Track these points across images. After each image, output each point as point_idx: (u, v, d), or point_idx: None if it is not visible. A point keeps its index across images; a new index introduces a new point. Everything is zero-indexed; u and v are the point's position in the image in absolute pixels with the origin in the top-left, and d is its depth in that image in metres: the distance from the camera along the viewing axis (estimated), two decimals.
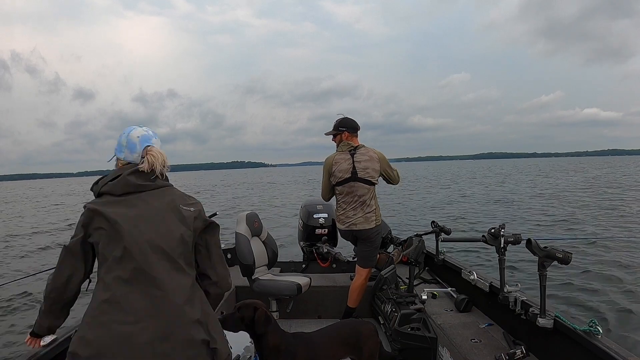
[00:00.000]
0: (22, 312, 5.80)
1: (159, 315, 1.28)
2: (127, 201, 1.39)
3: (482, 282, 2.81)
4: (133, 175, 1.42)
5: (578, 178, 33.44)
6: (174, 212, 1.42)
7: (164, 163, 1.48)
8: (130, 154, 1.49)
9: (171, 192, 1.49)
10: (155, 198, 1.43)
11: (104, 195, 1.41)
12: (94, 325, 1.27)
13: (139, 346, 1.24)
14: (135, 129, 1.53)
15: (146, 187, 1.43)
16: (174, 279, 1.35)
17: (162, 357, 1.25)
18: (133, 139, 1.50)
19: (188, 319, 1.32)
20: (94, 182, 1.48)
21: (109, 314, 1.27)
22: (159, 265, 1.34)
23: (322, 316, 3.50)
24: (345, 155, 3.09)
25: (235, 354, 2.28)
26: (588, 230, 10.12)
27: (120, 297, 1.28)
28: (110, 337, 1.24)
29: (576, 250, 7.23)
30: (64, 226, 14.95)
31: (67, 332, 2.10)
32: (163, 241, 1.37)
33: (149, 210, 1.40)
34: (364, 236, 3.15)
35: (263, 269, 3.31)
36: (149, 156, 1.46)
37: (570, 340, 1.94)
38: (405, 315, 2.73)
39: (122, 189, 1.40)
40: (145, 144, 1.50)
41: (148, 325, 1.27)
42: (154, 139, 1.53)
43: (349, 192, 3.09)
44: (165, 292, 1.31)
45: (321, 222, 4.07)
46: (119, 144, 1.52)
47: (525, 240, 2.27)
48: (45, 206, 27.03)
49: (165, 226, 1.39)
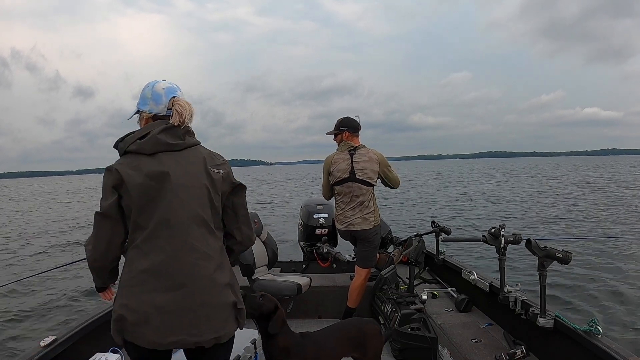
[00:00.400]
0: (23, 313, 5.80)
1: (195, 282, 1.32)
2: (158, 162, 1.34)
3: (482, 282, 2.81)
4: (163, 134, 1.37)
5: (576, 177, 33.45)
6: (204, 175, 1.40)
7: (192, 113, 1.44)
8: (156, 106, 1.44)
9: (200, 152, 1.45)
10: (186, 160, 1.39)
11: (131, 154, 1.36)
12: (137, 294, 1.30)
13: (182, 312, 1.30)
14: (159, 81, 1.47)
15: (177, 146, 1.38)
16: (208, 244, 1.38)
17: (203, 320, 1.32)
18: (158, 90, 1.45)
19: (221, 284, 1.38)
20: (118, 139, 1.41)
21: (150, 283, 1.30)
22: (194, 231, 1.35)
23: (322, 316, 3.50)
24: (345, 155, 3.08)
25: (235, 354, 2.28)
26: (588, 230, 10.12)
27: (159, 265, 1.30)
28: (154, 305, 1.28)
29: (576, 250, 7.23)
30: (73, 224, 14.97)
31: (67, 331, 2.10)
32: (196, 206, 1.37)
33: (182, 174, 1.36)
34: (362, 236, 3.15)
35: (263, 269, 3.31)
36: (176, 106, 1.42)
37: (570, 340, 1.95)
38: (406, 315, 2.73)
39: (152, 147, 1.35)
40: (171, 95, 1.45)
41: (187, 293, 1.31)
42: (178, 91, 1.48)
43: (347, 192, 3.08)
44: (200, 258, 1.34)
45: (321, 222, 4.07)
46: (142, 97, 1.47)
47: (525, 240, 2.27)
48: (65, 201, 27.03)
49: (198, 190, 1.38)
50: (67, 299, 6.29)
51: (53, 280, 7.18)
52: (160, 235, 1.32)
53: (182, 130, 1.42)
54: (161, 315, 1.29)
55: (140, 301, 1.29)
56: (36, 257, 9.74)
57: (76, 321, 2.28)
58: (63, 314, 5.65)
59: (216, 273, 1.37)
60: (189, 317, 1.31)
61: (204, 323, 1.33)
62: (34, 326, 5.25)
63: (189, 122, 1.44)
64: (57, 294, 6.55)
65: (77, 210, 21.94)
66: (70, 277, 7.37)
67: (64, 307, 5.95)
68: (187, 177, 1.37)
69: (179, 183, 1.35)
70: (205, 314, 1.33)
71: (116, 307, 1.33)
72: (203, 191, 1.39)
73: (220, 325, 1.36)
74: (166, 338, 1.29)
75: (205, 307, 1.33)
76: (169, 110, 1.43)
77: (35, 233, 13.64)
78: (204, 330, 1.32)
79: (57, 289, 6.77)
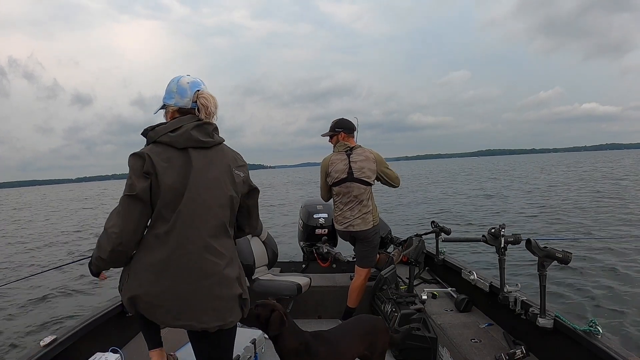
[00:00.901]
0: (23, 314, 5.81)
1: (208, 277, 1.42)
2: (188, 158, 1.41)
3: (482, 282, 2.81)
4: (195, 130, 1.43)
5: (574, 174, 33.43)
6: (228, 176, 1.49)
7: (216, 105, 1.51)
8: (181, 99, 1.51)
9: (226, 152, 1.54)
10: (214, 159, 1.47)
11: (162, 144, 1.40)
12: (154, 280, 1.38)
13: (193, 302, 1.40)
14: (183, 76, 1.54)
15: (207, 143, 1.45)
16: (222, 242, 1.47)
17: (211, 310, 1.43)
18: (183, 84, 1.52)
19: (231, 278, 1.48)
20: (147, 127, 1.45)
21: (167, 272, 1.38)
22: (211, 229, 1.44)
23: (322, 316, 3.50)
24: (342, 156, 3.08)
25: (235, 354, 2.28)
26: (588, 230, 10.12)
27: (178, 258, 1.38)
28: (170, 293, 1.38)
29: (576, 250, 7.23)
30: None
31: (67, 331, 2.10)
32: (217, 206, 1.45)
33: (208, 173, 1.44)
34: (361, 237, 3.15)
35: (263, 269, 3.31)
36: (201, 99, 1.49)
37: (570, 340, 1.94)
38: (406, 315, 2.73)
39: (184, 142, 1.41)
40: (195, 89, 1.51)
41: (201, 285, 1.41)
42: (202, 85, 1.54)
43: (346, 193, 3.08)
44: (214, 255, 1.43)
45: (321, 222, 4.07)
46: (168, 91, 1.53)
47: (525, 240, 2.27)
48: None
49: (221, 191, 1.46)
50: (67, 299, 6.30)
51: (53, 280, 7.19)
52: (181, 229, 1.38)
53: (212, 127, 1.49)
54: (174, 302, 1.39)
55: (157, 286, 1.38)
56: (36, 256, 9.75)
57: (76, 321, 2.28)
58: (63, 314, 5.66)
59: (227, 269, 1.47)
60: (199, 306, 1.41)
61: (212, 312, 1.43)
62: (34, 326, 5.25)
63: (215, 113, 1.51)
64: (57, 294, 6.55)
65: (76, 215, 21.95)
66: (70, 277, 7.38)
67: (64, 307, 5.96)
68: (212, 177, 1.45)
69: (205, 182, 1.42)
70: (214, 305, 1.43)
71: (133, 286, 1.41)
72: (225, 192, 1.47)
73: (227, 314, 1.47)
74: (176, 322, 1.41)
75: (215, 300, 1.43)
76: (193, 104, 1.49)
77: (35, 235, 13.66)
78: (212, 318, 1.43)
79: (57, 289, 6.77)
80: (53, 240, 12.17)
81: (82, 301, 6.19)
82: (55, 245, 11.62)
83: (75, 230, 14.61)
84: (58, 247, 11.22)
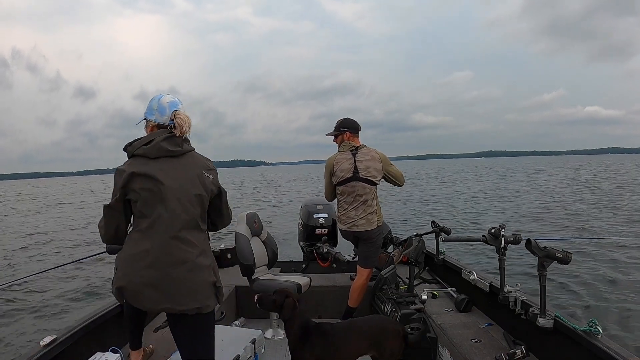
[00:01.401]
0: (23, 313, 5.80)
1: (182, 264, 1.62)
2: (160, 165, 1.64)
3: (482, 282, 2.81)
4: (165, 141, 1.67)
5: (572, 175, 33.42)
6: (198, 178, 1.71)
7: (190, 125, 1.75)
8: (161, 117, 1.74)
9: (195, 158, 1.76)
10: (183, 164, 1.70)
11: (138, 157, 1.65)
12: (136, 269, 1.59)
13: (171, 287, 1.60)
14: (164, 95, 1.78)
15: (176, 152, 1.68)
16: (194, 235, 1.68)
17: (186, 294, 1.62)
18: (163, 103, 1.75)
19: (203, 266, 1.68)
20: (127, 144, 1.69)
21: (147, 261, 1.59)
22: (186, 224, 1.65)
23: (322, 316, 3.50)
24: (347, 155, 3.09)
25: (235, 354, 2.28)
26: (588, 230, 10.12)
27: (158, 248, 1.60)
28: (149, 279, 1.58)
29: (576, 250, 7.23)
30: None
31: (67, 331, 2.10)
32: (190, 204, 1.67)
33: (179, 176, 1.66)
34: (365, 237, 3.16)
35: (263, 269, 3.31)
36: (177, 119, 1.72)
37: (570, 340, 1.95)
38: (406, 315, 2.73)
39: (156, 152, 1.65)
40: (173, 108, 1.75)
41: (177, 272, 1.61)
42: (180, 105, 1.78)
43: (351, 192, 3.09)
44: (188, 245, 1.64)
45: (321, 222, 4.07)
46: (149, 108, 1.77)
47: (525, 240, 2.27)
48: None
49: (192, 191, 1.68)
50: (67, 299, 6.30)
51: (53, 280, 7.19)
52: (158, 224, 1.61)
53: (181, 139, 1.72)
54: (154, 288, 1.59)
55: (138, 275, 1.59)
56: (35, 256, 9.75)
57: (76, 321, 2.28)
58: (63, 314, 5.66)
59: (199, 258, 1.67)
60: (176, 291, 1.60)
61: (188, 296, 1.62)
62: (34, 326, 5.25)
63: (188, 132, 1.75)
64: (58, 293, 6.55)
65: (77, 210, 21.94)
66: (70, 277, 7.38)
67: (64, 307, 5.96)
68: (183, 180, 1.67)
69: (177, 184, 1.64)
70: (189, 289, 1.62)
71: (119, 276, 1.63)
72: (195, 191, 1.69)
73: (203, 298, 1.65)
74: (157, 306, 1.62)
75: (190, 284, 1.63)
76: (171, 121, 1.72)
77: (35, 233, 13.66)
78: (189, 301, 1.62)
79: (57, 289, 6.77)
80: (52, 241, 12.16)
81: (82, 301, 6.19)
82: (63, 241, 11.63)
83: (74, 228, 14.61)
84: (64, 243, 11.23)
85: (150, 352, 2.37)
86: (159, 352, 2.37)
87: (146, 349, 2.34)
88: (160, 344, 2.44)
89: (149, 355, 2.35)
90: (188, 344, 1.70)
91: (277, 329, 3.22)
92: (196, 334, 1.70)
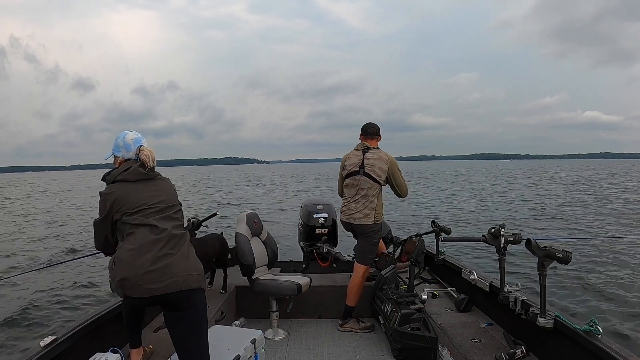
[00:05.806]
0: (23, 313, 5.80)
1: (168, 257, 1.86)
2: (139, 185, 1.95)
3: (482, 282, 2.81)
4: (140, 168, 1.98)
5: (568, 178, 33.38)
6: (171, 192, 2.07)
7: (154, 158, 2.03)
8: (127, 153, 2.02)
9: (164, 179, 2.10)
10: (157, 184, 2.03)
11: (119, 182, 1.93)
12: (130, 264, 1.81)
13: (159, 276, 1.82)
14: (127, 133, 2.05)
15: (150, 176, 2.00)
16: (176, 234, 1.94)
17: (177, 281, 1.84)
18: (128, 141, 2.02)
19: (191, 257, 1.95)
20: (105, 173, 1.99)
21: (137, 258, 1.82)
22: (167, 225, 1.92)
23: (322, 316, 3.50)
24: (358, 152, 3.30)
25: (235, 354, 2.28)
26: (588, 230, 10.12)
27: (143, 247, 1.84)
28: (140, 272, 1.80)
29: (576, 250, 7.23)
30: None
31: (67, 331, 2.10)
32: (168, 209, 1.98)
33: (156, 193, 1.98)
34: (360, 231, 3.24)
35: (263, 268, 3.31)
36: (142, 155, 2.00)
37: (570, 340, 1.94)
38: (406, 315, 2.73)
39: (135, 177, 1.95)
40: (137, 145, 2.02)
41: (163, 264, 1.84)
42: (143, 140, 2.07)
43: (354, 185, 3.24)
44: (170, 242, 1.89)
45: (321, 222, 4.07)
46: (116, 145, 2.04)
47: (525, 240, 2.27)
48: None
49: (167, 200, 2.00)
50: (67, 299, 6.29)
51: (53, 280, 7.18)
52: (143, 228, 1.88)
53: (150, 167, 2.03)
54: (151, 272, 1.80)
55: (131, 270, 1.80)
56: (36, 256, 9.74)
57: (76, 321, 2.28)
58: (63, 314, 5.65)
59: (182, 249, 1.93)
60: (162, 278, 1.81)
61: (173, 281, 1.83)
62: (34, 326, 5.25)
63: (153, 164, 2.02)
64: (58, 293, 6.55)
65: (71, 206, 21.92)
66: (70, 277, 7.37)
67: (64, 307, 5.95)
68: (158, 193, 1.99)
69: (154, 197, 1.96)
70: (175, 277, 1.83)
71: (116, 273, 1.84)
72: (170, 199, 2.03)
73: (185, 283, 1.86)
74: (149, 293, 1.82)
75: (175, 273, 1.84)
76: (136, 156, 2.00)
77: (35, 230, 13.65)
78: (173, 284, 1.83)
79: (57, 289, 6.77)
80: (52, 240, 12.15)
81: (82, 301, 6.19)
82: (64, 238, 11.61)
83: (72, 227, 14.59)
84: (65, 239, 11.22)
85: (150, 352, 2.37)
86: (159, 352, 2.37)
87: (146, 349, 2.34)
88: (160, 344, 2.43)
89: (149, 355, 2.35)
90: (179, 331, 1.90)
91: (277, 329, 3.22)
92: (187, 325, 1.90)
